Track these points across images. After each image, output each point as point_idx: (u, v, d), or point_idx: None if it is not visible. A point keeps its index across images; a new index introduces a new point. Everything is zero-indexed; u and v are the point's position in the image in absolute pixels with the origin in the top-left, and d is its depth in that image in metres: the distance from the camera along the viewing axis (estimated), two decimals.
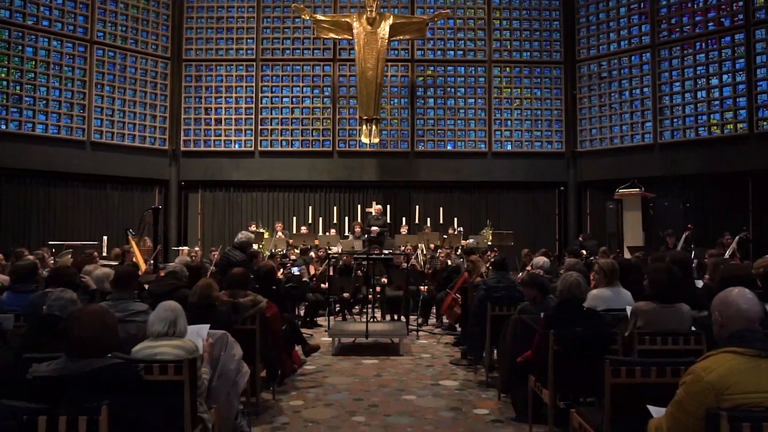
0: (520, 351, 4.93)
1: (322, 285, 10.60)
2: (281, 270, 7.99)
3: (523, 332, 5.04)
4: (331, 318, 9.41)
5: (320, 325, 9.62)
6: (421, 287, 10.06)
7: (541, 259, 7.06)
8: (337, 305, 10.51)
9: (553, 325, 4.40)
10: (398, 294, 9.83)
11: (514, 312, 5.59)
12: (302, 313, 9.67)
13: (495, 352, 6.11)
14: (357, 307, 10.80)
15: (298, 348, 6.82)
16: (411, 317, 9.52)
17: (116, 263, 9.70)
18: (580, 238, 14.72)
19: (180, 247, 13.97)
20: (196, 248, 12.57)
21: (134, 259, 10.44)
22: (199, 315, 4.39)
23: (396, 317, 9.98)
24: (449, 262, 9.88)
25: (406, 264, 9.77)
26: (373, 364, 7.11)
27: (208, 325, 4.05)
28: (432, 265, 10.79)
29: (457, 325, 8.83)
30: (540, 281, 5.39)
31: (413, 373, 6.69)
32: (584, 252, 11.60)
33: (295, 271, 7.93)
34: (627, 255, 10.06)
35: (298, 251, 11.41)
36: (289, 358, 6.35)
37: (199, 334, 3.96)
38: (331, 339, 7.87)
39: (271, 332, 5.80)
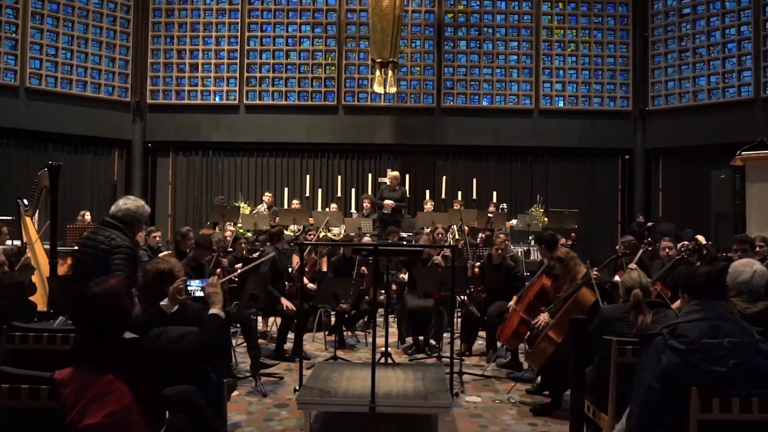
0: None
1: (310, 285, 6.67)
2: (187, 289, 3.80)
3: None
4: (315, 338, 5.40)
5: (309, 356, 5.57)
6: (460, 294, 5.97)
7: (750, 266, 3.02)
8: (333, 313, 6.52)
9: None
10: (426, 305, 5.86)
11: None
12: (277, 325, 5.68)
13: None
14: (362, 319, 6.85)
15: None
16: (439, 338, 5.64)
17: None
18: (640, 219, 10.88)
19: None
20: (153, 230, 8.09)
21: (25, 239, 6.69)
22: None
23: (423, 340, 6.03)
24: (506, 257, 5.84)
25: (439, 259, 5.76)
26: None
27: None
28: (470, 256, 6.73)
29: (528, 364, 4.91)
30: None
31: None
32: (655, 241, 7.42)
33: (195, 288, 3.81)
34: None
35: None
36: None
37: None
38: (302, 411, 3.80)
39: None
